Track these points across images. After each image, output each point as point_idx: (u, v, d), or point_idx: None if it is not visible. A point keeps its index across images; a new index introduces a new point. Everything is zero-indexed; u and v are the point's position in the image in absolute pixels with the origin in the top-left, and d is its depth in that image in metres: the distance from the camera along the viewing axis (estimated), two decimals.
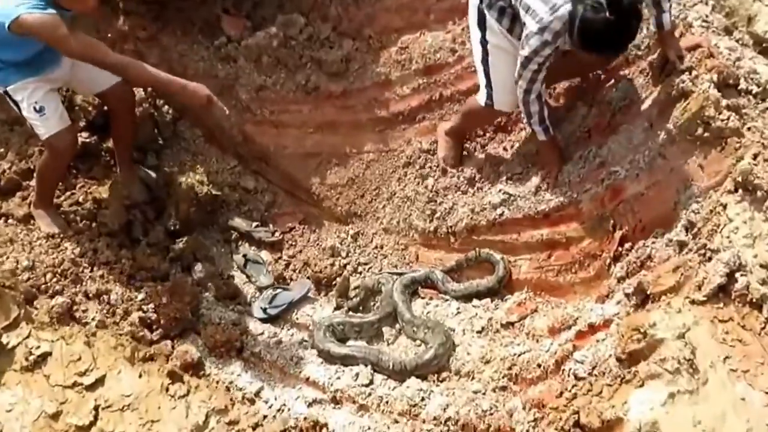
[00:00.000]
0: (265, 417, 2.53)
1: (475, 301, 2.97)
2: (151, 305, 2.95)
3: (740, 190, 2.00)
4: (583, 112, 2.96)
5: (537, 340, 2.55)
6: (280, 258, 3.60)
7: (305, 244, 3.63)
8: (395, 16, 3.49)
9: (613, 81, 2.85)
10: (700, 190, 2.21)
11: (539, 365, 2.37)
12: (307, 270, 3.49)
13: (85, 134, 3.54)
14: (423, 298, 3.15)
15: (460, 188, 3.21)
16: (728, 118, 2.20)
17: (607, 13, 2.22)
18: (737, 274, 1.80)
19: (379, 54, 3.50)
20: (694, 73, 2.36)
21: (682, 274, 1.95)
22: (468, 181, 3.18)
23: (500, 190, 3.01)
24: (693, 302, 1.82)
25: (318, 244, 3.59)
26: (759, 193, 1.96)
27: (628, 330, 1.83)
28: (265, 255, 3.61)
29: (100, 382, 1.94)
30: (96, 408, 1.85)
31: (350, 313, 3.20)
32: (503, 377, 2.47)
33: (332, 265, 3.46)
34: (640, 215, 2.46)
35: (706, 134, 2.25)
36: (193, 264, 3.41)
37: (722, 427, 1.55)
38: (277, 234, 3.65)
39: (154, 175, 3.55)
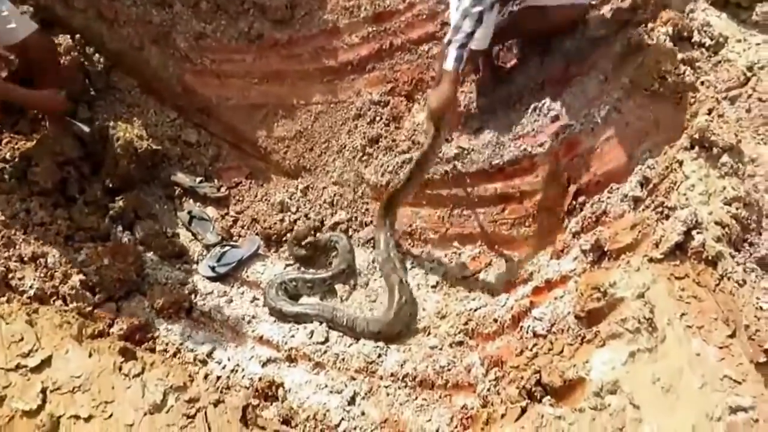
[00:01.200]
0: (218, 378, 2.50)
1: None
2: (92, 267, 2.80)
3: (696, 147, 2.01)
4: (536, 63, 2.91)
5: (493, 295, 2.56)
6: (227, 214, 3.49)
7: (253, 199, 3.52)
8: None
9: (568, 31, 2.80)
10: (656, 146, 2.22)
11: (496, 320, 2.39)
12: (256, 226, 3.40)
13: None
14: None
15: (414, 142, 3.14)
16: (684, 73, 2.20)
17: None
18: (694, 232, 1.83)
19: (326, 1, 3.33)
20: (649, 25, 2.33)
21: (639, 232, 1.97)
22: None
23: (455, 145, 2.95)
24: (651, 260, 1.84)
25: (266, 200, 3.48)
26: (714, 150, 1.98)
27: (587, 288, 1.84)
28: (210, 211, 3.49)
29: (46, 363, 1.82)
30: (43, 391, 1.74)
31: (300, 267, 3.15)
32: (460, 332, 2.48)
33: (282, 221, 3.37)
34: (594, 169, 2.47)
35: (661, 89, 2.24)
36: (135, 222, 3.27)
37: (679, 382, 1.59)
38: (222, 189, 3.52)
39: (87, 128, 3.32)
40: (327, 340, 2.74)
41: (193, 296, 2.98)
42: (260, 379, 2.50)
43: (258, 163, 3.60)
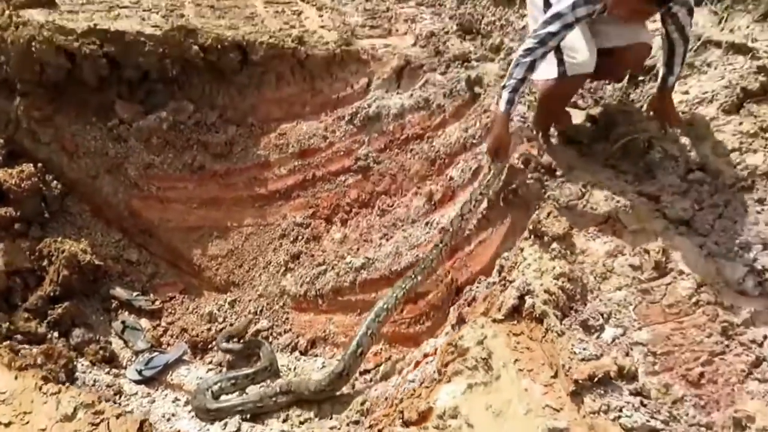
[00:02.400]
0: None
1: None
2: None
3: (533, 236, 2.52)
4: (434, 187, 3.47)
5: (387, 380, 2.87)
6: (158, 325, 3.77)
7: (184, 312, 3.83)
8: (275, 107, 3.98)
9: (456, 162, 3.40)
10: (513, 243, 2.71)
11: (386, 398, 2.69)
12: (185, 335, 3.68)
13: None
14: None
15: (328, 255, 3.60)
16: (531, 188, 2.78)
17: None
18: (526, 297, 2.26)
19: (260, 139, 3.94)
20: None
21: (489, 302, 2.39)
22: (338, 245, 3.58)
23: (361, 255, 3.41)
24: (494, 320, 2.24)
25: (196, 311, 3.80)
26: (545, 239, 2.48)
27: (446, 347, 2.21)
28: (144, 322, 3.76)
29: None
30: None
31: (222, 370, 3.41)
32: (356, 413, 2.75)
33: (209, 330, 3.68)
34: (471, 268, 2.93)
35: (515, 200, 2.80)
36: (71, 329, 3.53)
37: (508, 409, 1.92)
38: (157, 303, 3.83)
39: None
40: (239, 430, 2.95)
41: (117, 397, 3.18)
42: None
43: (192, 280, 3.96)
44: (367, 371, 3.10)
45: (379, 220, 3.59)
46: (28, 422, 2.01)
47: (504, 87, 2.74)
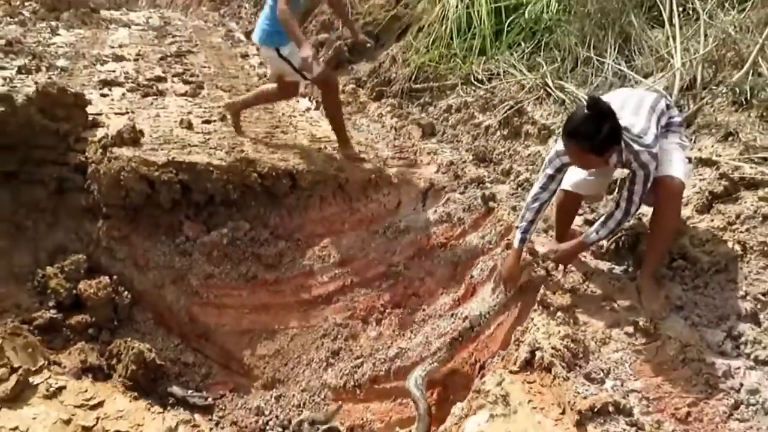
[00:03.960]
0: None
1: None
2: None
3: (541, 307, 3.00)
4: (457, 287, 3.99)
5: None
6: (210, 419, 4.16)
7: (234, 407, 4.22)
8: (319, 225, 4.63)
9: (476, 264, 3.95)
10: (525, 318, 3.18)
11: None
12: (234, 427, 4.05)
13: (53, 311, 4.27)
14: None
15: (365, 349, 4.05)
16: (538, 276, 3.31)
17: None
18: (536, 352, 2.70)
19: (306, 251, 4.55)
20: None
21: (505, 359, 2.82)
22: (374, 341, 4.04)
23: (395, 346, 3.87)
24: (510, 372, 2.66)
25: (245, 406, 4.19)
26: (551, 308, 2.96)
27: (471, 394, 2.63)
28: (197, 417, 4.16)
29: None
30: None
31: None
32: None
33: (256, 421, 4.05)
34: (491, 348, 3.38)
35: (527, 286, 3.32)
36: None
37: None
38: (209, 399, 4.25)
39: None
40: None
41: None
42: None
43: (241, 380, 4.39)
44: None
45: (410, 317, 4.07)
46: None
47: (517, 228, 3.29)
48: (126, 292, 4.60)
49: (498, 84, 5.38)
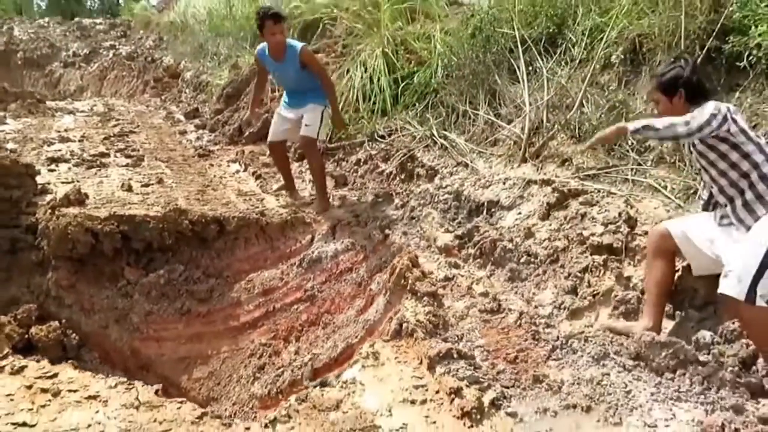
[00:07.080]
0: None
1: None
2: None
3: (410, 294, 3.80)
4: (360, 300, 4.74)
5: None
6: None
7: None
8: (244, 262, 5.36)
9: (375, 279, 4.72)
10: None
11: None
12: None
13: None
14: None
15: (285, 362, 4.71)
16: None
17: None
18: (403, 324, 3.46)
19: (233, 286, 5.24)
20: None
21: (378, 332, 3.58)
22: (294, 354, 4.71)
23: (311, 353, 4.55)
24: (383, 341, 3.41)
25: None
26: (418, 294, 3.77)
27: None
28: None
29: None
30: None
31: None
32: None
33: None
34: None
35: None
36: None
37: (389, 377, 3.04)
38: None
39: None
40: None
41: None
42: None
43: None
44: None
45: (323, 331, 4.78)
46: None
47: (654, 129, 3.05)
48: (74, 334, 5.17)
49: (396, 137, 6.35)
